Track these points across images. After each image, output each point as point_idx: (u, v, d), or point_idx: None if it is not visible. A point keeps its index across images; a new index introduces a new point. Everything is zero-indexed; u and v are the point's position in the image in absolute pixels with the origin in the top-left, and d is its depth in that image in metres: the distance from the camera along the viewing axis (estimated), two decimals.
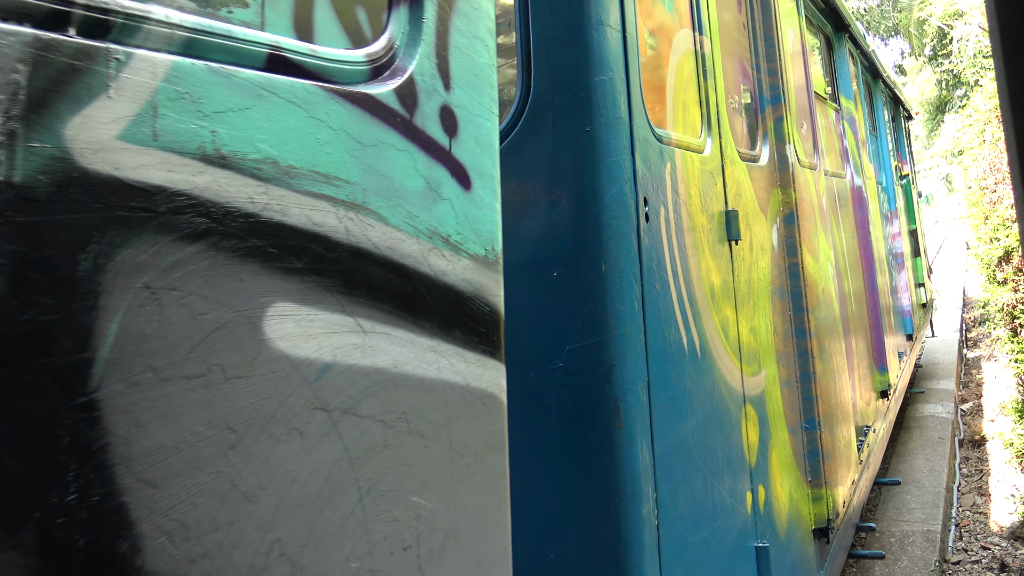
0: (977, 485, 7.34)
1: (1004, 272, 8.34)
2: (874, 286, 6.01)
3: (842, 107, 6.15)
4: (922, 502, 6.27)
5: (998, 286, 8.50)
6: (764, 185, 3.45)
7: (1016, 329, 8.14)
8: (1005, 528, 6.33)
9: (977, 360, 11.74)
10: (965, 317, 13.92)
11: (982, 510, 6.81)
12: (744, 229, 2.99)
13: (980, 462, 7.90)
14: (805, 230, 3.81)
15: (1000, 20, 0.82)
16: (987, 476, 7.50)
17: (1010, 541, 6.09)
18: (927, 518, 5.94)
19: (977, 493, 7.15)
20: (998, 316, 8.75)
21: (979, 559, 5.80)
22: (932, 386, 9.90)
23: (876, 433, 5.55)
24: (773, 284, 3.37)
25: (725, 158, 2.90)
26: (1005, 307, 8.28)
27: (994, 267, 8.63)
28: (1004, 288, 8.31)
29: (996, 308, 8.69)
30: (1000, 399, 9.34)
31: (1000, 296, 8.36)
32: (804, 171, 4.05)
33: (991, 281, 8.79)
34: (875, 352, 6.06)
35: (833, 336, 4.23)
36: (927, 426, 8.33)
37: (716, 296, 2.61)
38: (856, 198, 5.92)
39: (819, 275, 4.04)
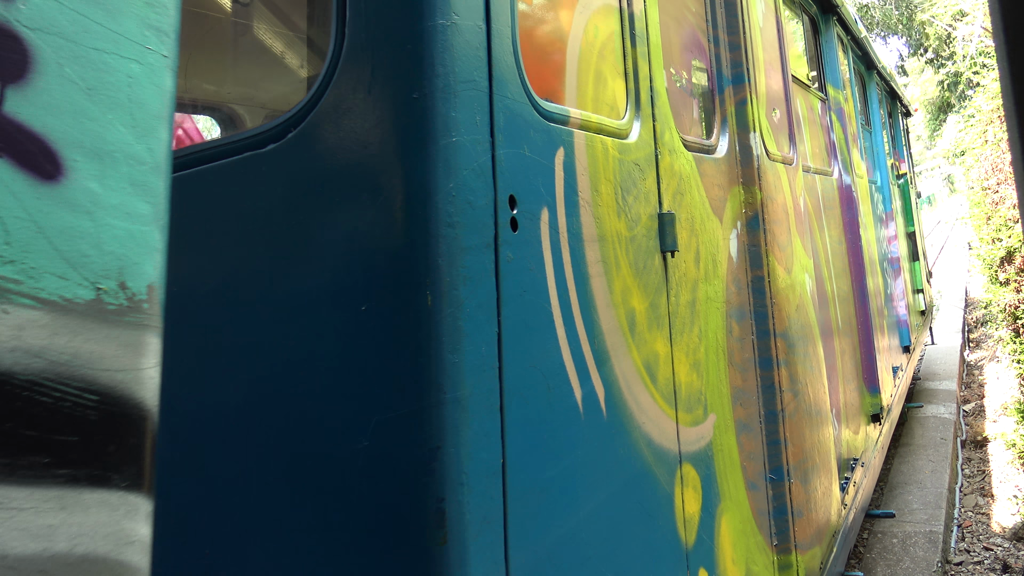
0: (979, 486, 7.31)
1: (1006, 273, 8.34)
2: (865, 297, 5.37)
3: (829, 97, 5.45)
4: (924, 503, 6.15)
5: (1000, 287, 8.50)
6: (720, 182, 2.79)
7: (1018, 330, 8.16)
8: (1007, 529, 6.19)
9: (979, 361, 11.72)
10: (967, 318, 13.92)
11: (984, 511, 6.70)
12: (687, 237, 2.34)
13: (982, 463, 7.87)
14: (775, 236, 3.18)
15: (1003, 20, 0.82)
16: (989, 477, 7.40)
17: (1012, 542, 5.95)
18: (929, 519, 5.82)
19: (979, 494, 7.09)
20: (1000, 317, 8.78)
21: (981, 560, 5.68)
22: (934, 387, 9.87)
23: (865, 467, 4.82)
24: (730, 304, 2.70)
25: (662, 147, 2.23)
26: (1007, 308, 8.29)
27: (996, 268, 8.64)
28: (1006, 289, 8.32)
29: (998, 309, 8.73)
30: (1002, 400, 9.29)
31: (1002, 297, 8.37)
32: (775, 166, 3.36)
33: (993, 282, 8.81)
34: (865, 371, 5.40)
35: (809, 361, 3.55)
36: (929, 426, 8.28)
37: (638, 327, 1.93)
38: (844, 198, 5.32)
39: (792, 289, 3.39)
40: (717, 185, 2.73)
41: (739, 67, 3.13)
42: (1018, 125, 0.80)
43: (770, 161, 3.28)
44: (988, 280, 9.14)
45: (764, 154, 3.20)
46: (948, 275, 17.97)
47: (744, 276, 2.93)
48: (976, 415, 9.35)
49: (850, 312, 5.07)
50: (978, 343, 12.50)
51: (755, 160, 3.07)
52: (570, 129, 1.73)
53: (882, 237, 7.47)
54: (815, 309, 3.80)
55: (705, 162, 2.65)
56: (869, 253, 5.96)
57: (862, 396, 5.21)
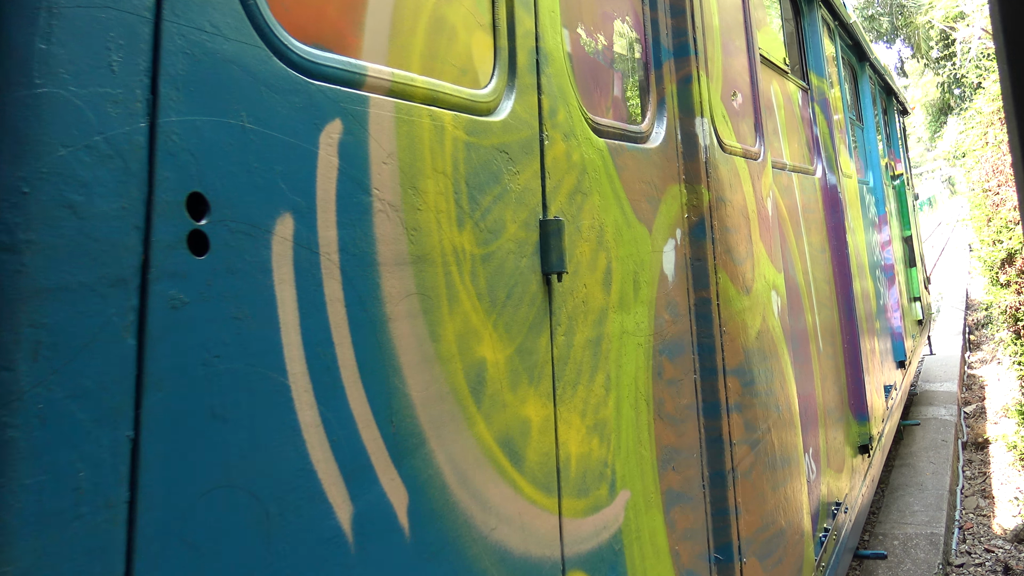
0: (980, 488, 7.32)
1: (1007, 275, 8.31)
2: (851, 311, 4.76)
3: (812, 86, 4.83)
4: (925, 504, 6.07)
5: (1001, 289, 8.49)
6: (651, 178, 2.18)
7: (1019, 332, 8.13)
8: (1008, 531, 6.14)
9: (980, 363, 11.72)
10: (968, 320, 13.92)
11: (985, 513, 6.66)
12: (590, 251, 1.74)
13: (983, 465, 7.85)
14: (729, 246, 2.55)
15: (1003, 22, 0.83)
16: (990, 479, 7.47)
17: (1014, 544, 5.89)
18: (930, 521, 5.75)
19: (980, 496, 7.13)
20: (1001, 319, 8.77)
21: (982, 562, 5.62)
22: (934, 388, 9.88)
23: (849, 512, 4.10)
24: (660, 337, 2.09)
25: (552, 129, 1.63)
26: (1008, 310, 8.27)
27: (997, 270, 8.62)
28: (1007, 291, 8.29)
29: (999, 311, 8.70)
30: (1003, 401, 9.28)
31: (1003, 299, 8.35)
32: (731, 160, 2.74)
33: (994, 284, 8.79)
34: (851, 398, 4.74)
35: (775, 399, 2.90)
36: (930, 428, 8.28)
37: (491, 386, 1.35)
38: (829, 200, 4.75)
39: (752, 313, 2.74)
40: (646, 183, 2.12)
41: (683, 36, 2.48)
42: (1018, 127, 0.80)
43: (725, 154, 2.67)
44: (989, 282, 9.15)
45: (716, 145, 2.58)
46: (949, 277, 17.98)
47: (684, 299, 2.31)
48: (977, 417, 9.34)
49: (833, 330, 4.47)
50: (979, 345, 12.49)
51: (702, 152, 2.44)
52: (363, 94, 1.15)
53: (874, 242, 6.82)
54: (785, 334, 3.18)
55: (628, 153, 2.04)
56: (858, 260, 5.37)
57: (847, 426, 4.56)
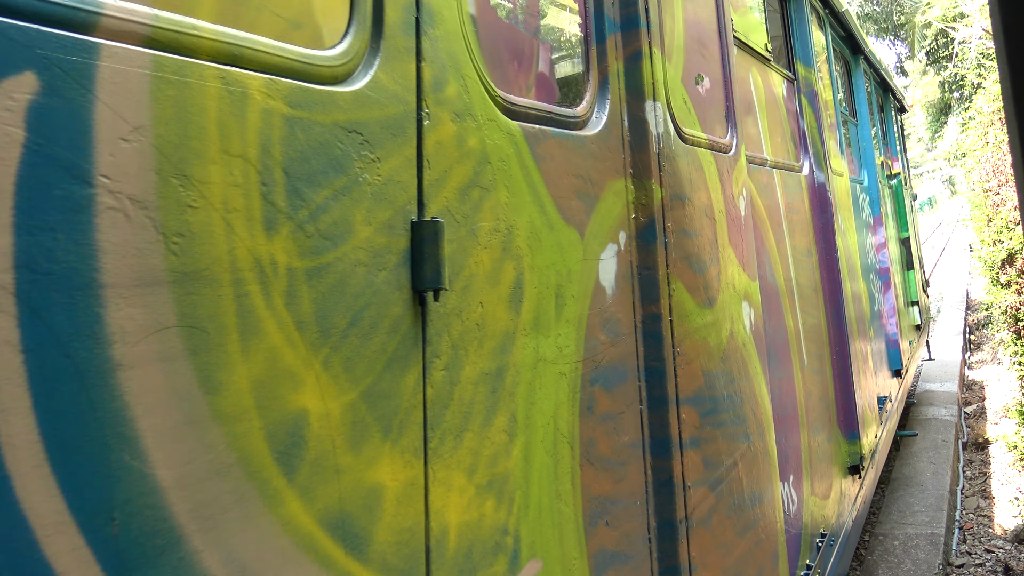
0: (981, 488, 7.29)
1: (1008, 275, 8.28)
2: (841, 319, 4.37)
3: (799, 76, 4.41)
4: (925, 505, 6.04)
5: (1001, 289, 8.45)
6: (588, 172, 1.81)
7: (1020, 332, 8.09)
8: (1009, 531, 6.10)
9: (980, 363, 11.71)
10: (968, 320, 13.92)
11: (986, 513, 6.64)
12: (491, 261, 1.38)
13: (983, 465, 7.81)
14: (688, 252, 2.20)
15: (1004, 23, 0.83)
16: (990, 479, 7.43)
17: (1014, 544, 5.85)
18: (930, 521, 5.72)
19: (981, 496, 7.11)
20: (1001, 319, 8.75)
21: (983, 562, 5.59)
22: (935, 389, 9.87)
23: (835, 545, 3.75)
24: (593, 363, 1.71)
25: (436, 106, 1.30)
26: (1008, 310, 8.23)
27: (997, 270, 8.59)
28: (1008, 291, 8.26)
29: (999, 311, 8.68)
30: (1003, 402, 9.25)
31: (1003, 299, 8.32)
32: (694, 152, 2.39)
33: (994, 284, 8.76)
34: (841, 413, 4.33)
35: (745, 427, 2.52)
36: (931, 428, 8.23)
37: (313, 451, 1.02)
38: (817, 199, 4.36)
39: (715, 329, 2.37)
40: (578, 176, 1.77)
41: (632, 6, 2.12)
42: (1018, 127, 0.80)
43: (685, 145, 2.31)
44: (989, 282, 9.11)
45: (672, 134, 2.21)
46: (949, 277, 17.98)
47: (628, 316, 1.94)
48: (977, 417, 9.31)
49: (820, 341, 4.07)
50: (979, 345, 12.49)
51: (654, 141, 2.08)
52: (88, 40, 0.81)
53: (868, 245, 6.38)
54: (759, 350, 2.79)
55: (554, 141, 1.68)
56: (849, 264, 4.96)
57: (836, 446, 4.16)
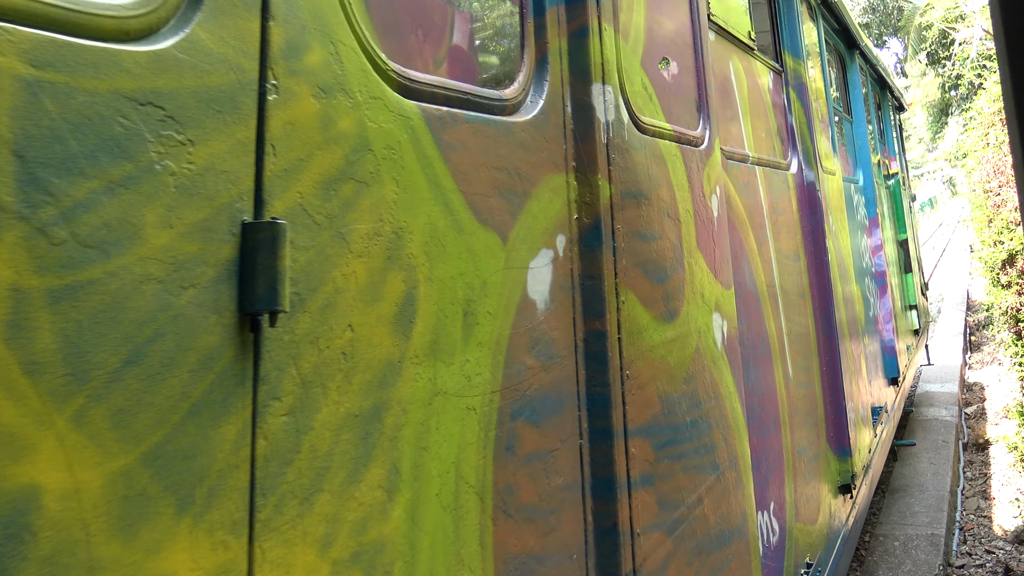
0: (981, 489, 7.25)
1: (1008, 275, 8.27)
2: (831, 328, 4.12)
3: (787, 68, 4.19)
4: (926, 506, 6.07)
5: (1002, 289, 8.44)
6: (516, 164, 1.53)
7: (1020, 332, 8.08)
8: (1009, 532, 6.12)
9: (981, 364, 11.71)
10: (969, 320, 13.92)
11: (986, 514, 6.64)
12: (367, 273, 1.14)
13: (984, 466, 7.81)
14: (643, 258, 1.91)
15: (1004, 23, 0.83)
16: (991, 480, 7.34)
17: (1014, 545, 5.87)
18: (931, 522, 5.75)
19: (981, 497, 7.05)
20: (1002, 320, 8.74)
21: (983, 563, 5.61)
22: (935, 389, 9.87)
23: (824, 572, 3.50)
24: (515, 392, 1.44)
25: (289, 77, 1.04)
26: (1009, 310, 8.22)
27: (998, 270, 8.58)
28: (1008, 291, 8.25)
29: (1000, 312, 8.67)
30: (1004, 402, 9.25)
31: (1004, 299, 8.31)
32: (654, 145, 2.08)
33: (995, 284, 8.74)
34: (831, 429, 4.06)
35: (710, 457, 2.21)
36: (931, 429, 8.24)
37: (46, 545, 0.69)
38: (806, 199, 4.13)
39: (679, 346, 2.08)
40: (501, 170, 1.47)
41: None
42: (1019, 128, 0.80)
43: (643, 136, 2.03)
44: (990, 283, 9.10)
45: (627, 123, 1.94)
46: (950, 278, 17.98)
47: (566, 334, 1.63)
48: (978, 418, 9.30)
49: (808, 352, 3.80)
50: (979, 346, 12.48)
51: (602, 131, 1.79)
52: None
53: (862, 247, 6.04)
54: (733, 366, 2.50)
55: (468, 127, 1.39)
56: (841, 268, 4.67)
57: (825, 464, 3.89)
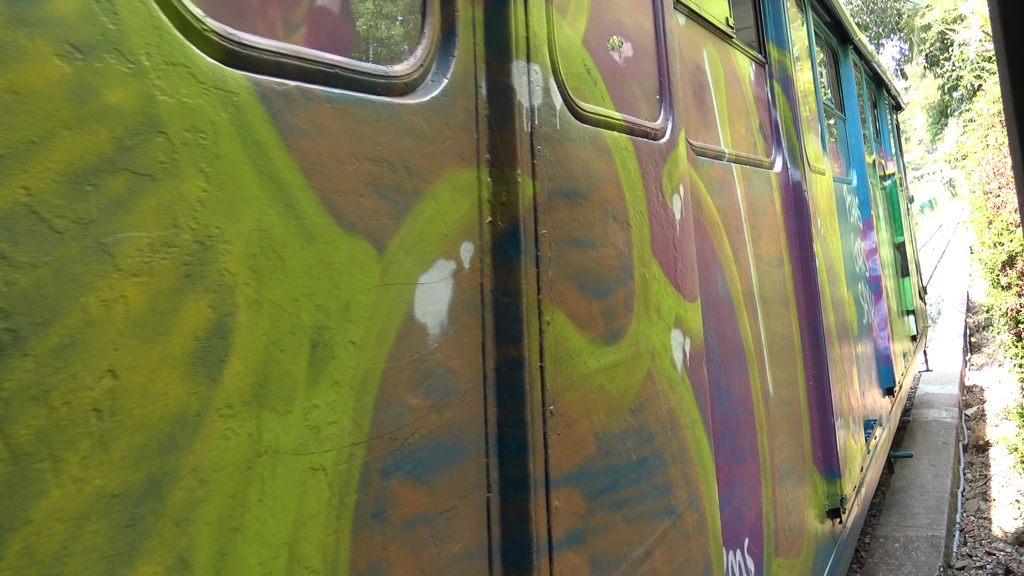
0: (981, 490, 7.22)
1: (1008, 277, 8.26)
2: (819, 338, 3.84)
3: (772, 60, 3.93)
4: (926, 507, 6.06)
5: (1002, 291, 8.43)
6: (402, 155, 1.24)
7: (1020, 334, 8.07)
8: (1010, 533, 6.11)
9: (981, 365, 11.70)
10: (969, 322, 13.92)
11: (986, 515, 6.64)
12: (145, 297, 0.78)
13: (984, 467, 7.79)
14: (577, 269, 1.64)
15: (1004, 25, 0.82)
16: (991, 481, 7.34)
17: (1015, 546, 5.87)
18: (931, 523, 5.74)
19: (981, 498, 7.04)
20: (1002, 321, 8.73)
21: (983, 564, 5.61)
22: (935, 391, 9.86)
23: None
24: (389, 443, 1.14)
25: (10, 27, 0.66)
26: (1009, 312, 8.20)
27: (998, 272, 8.57)
28: (1008, 293, 8.24)
29: (1000, 313, 8.66)
30: (1004, 404, 9.24)
31: (1004, 301, 8.29)
32: (596, 136, 1.79)
33: (995, 286, 8.73)
34: (818, 449, 3.79)
35: (664, 501, 1.92)
36: (931, 431, 8.21)
37: None
38: (791, 200, 3.84)
39: (622, 371, 1.77)
40: (381, 161, 1.20)
41: None
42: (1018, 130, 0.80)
43: (584, 126, 1.75)
44: (990, 284, 9.08)
45: (560, 108, 1.64)
46: (950, 279, 17.99)
47: (472, 364, 1.35)
48: (978, 419, 9.29)
49: (792, 366, 3.53)
50: (980, 347, 12.48)
51: (525, 117, 1.50)
52: None
53: (856, 251, 5.72)
54: (697, 389, 2.19)
55: (328, 107, 1.11)
56: (831, 274, 4.37)
57: (811, 488, 3.60)
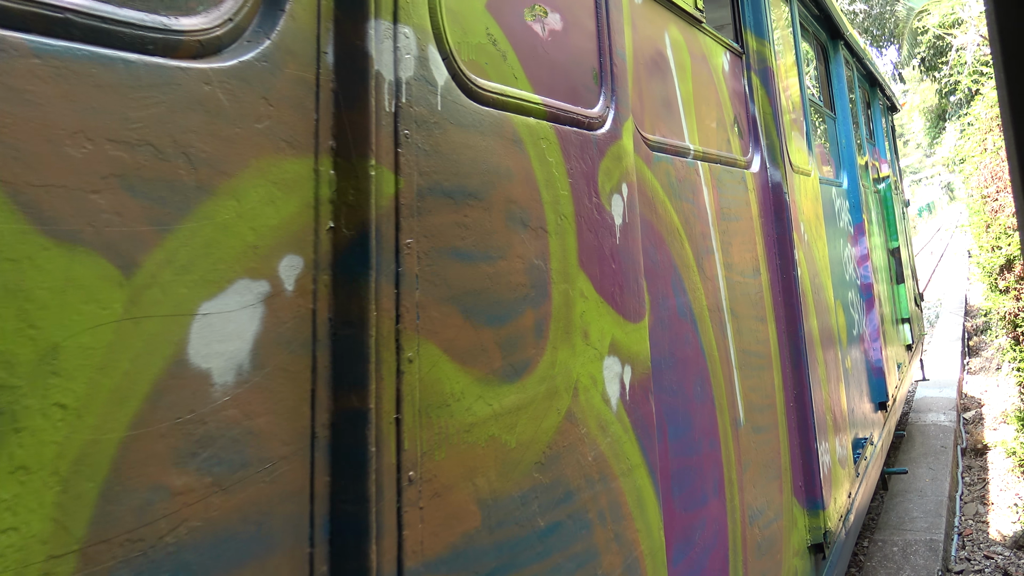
0: (979, 494, 7.23)
1: (1006, 281, 8.28)
2: (800, 355, 3.46)
3: (750, 51, 3.62)
4: (924, 511, 6.07)
5: (1000, 295, 8.45)
6: (185, 136, 0.86)
7: (1018, 338, 8.09)
8: (1008, 537, 6.13)
9: (979, 369, 11.71)
10: (967, 325, 13.93)
11: (984, 519, 6.65)
12: None
13: (982, 471, 7.79)
14: (463, 290, 1.32)
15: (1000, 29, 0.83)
16: (989, 485, 7.34)
17: (1013, 550, 5.88)
18: (929, 527, 5.73)
19: (979, 502, 7.04)
20: (1000, 325, 8.75)
21: (982, 568, 5.60)
22: (933, 394, 9.87)
23: None
24: (126, 549, 0.75)
25: None
26: (1007, 316, 8.23)
27: (996, 276, 8.58)
28: (1006, 297, 8.26)
29: (998, 317, 8.68)
30: (1002, 407, 9.25)
31: (1002, 305, 8.31)
32: (503, 122, 1.47)
33: (993, 290, 8.76)
34: (799, 478, 3.38)
35: (591, 572, 1.61)
36: (929, 434, 8.22)
37: None
38: (769, 202, 3.48)
39: (528, 414, 1.46)
40: (141, 144, 0.83)
41: None
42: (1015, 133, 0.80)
43: (482, 108, 1.42)
44: (988, 288, 9.11)
45: (444, 85, 1.33)
46: (948, 283, 18.02)
47: (292, 421, 0.99)
48: (976, 423, 9.30)
49: (769, 387, 3.14)
50: (978, 351, 12.49)
51: (387, 92, 1.18)
52: None
53: (845, 258, 5.35)
54: (639, 429, 1.88)
55: (35, 65, 0.74)
56: (815, 283, 3.97)
57: (790, 522, 3.21)
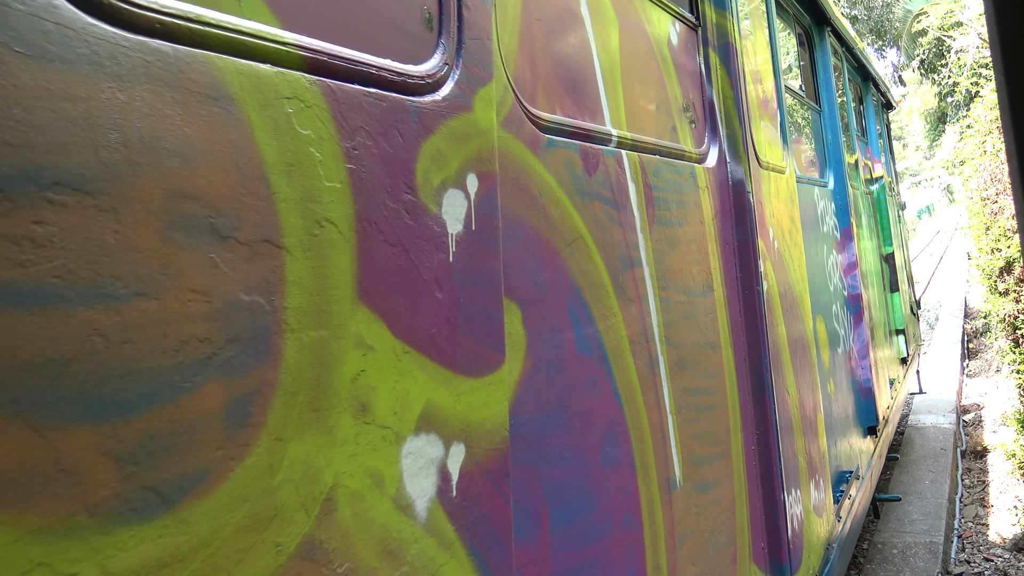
0: (979, 496, 7.24)
1: (1005, 283, 8.26)
2: (765, 388, 2.88)
3: (707, 23, 2.95)
4: (924, 513, 6.05)
5: (999, 297, 8.43)
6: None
7: (1018, 340, 8.06)
8: (1007, 539, 6.11)
9: (979, 371, 11.70)
10: (966, 328, 13.92)
11: (984, 521, 6.63)
12: None
13: (982, 473, 7.77)
14: None
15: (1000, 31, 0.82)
16: (989, 487, 7.36)
17: (1012, 552, 5.85)
18: (929, 529, 5.73)
19: (979, 504, 7.03)
20: (1000, 327, 8.74)
21: (982, 571, 5.56)
22: (933, 397, 9.86)
23: None
24: None
25: None
26: (1007, 318, 8.20)
27: (995, 278, 8.56)
28: (1006, 299, 8.23)
29: (998, 319, 8.66)
30: (1002, 410, 9.24)
31: (1002, 307, 8.28)
32: (182, 65, 0.80)
33: (992, 292, 8.73)
34: (762, 538, 2.77)
35: None
36: (929, 437, 8.22)
37: None
38: (728, 204, 2.89)
39: (211, 568, 0.79)
40: None
41: None
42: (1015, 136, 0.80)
43: (137, 40, 0.79)
44: (987, 290, 9.08)
45: None
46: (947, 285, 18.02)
47: None
48: (975, 425, 9.28)
49: (720, 432, 2.53)
50: (977, 353, 12.48)
51: None
52: None
53: (829, 267, 4.73)
54: (471, 540, 1.34)
55: None
56: (787, 298, 3.35)
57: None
